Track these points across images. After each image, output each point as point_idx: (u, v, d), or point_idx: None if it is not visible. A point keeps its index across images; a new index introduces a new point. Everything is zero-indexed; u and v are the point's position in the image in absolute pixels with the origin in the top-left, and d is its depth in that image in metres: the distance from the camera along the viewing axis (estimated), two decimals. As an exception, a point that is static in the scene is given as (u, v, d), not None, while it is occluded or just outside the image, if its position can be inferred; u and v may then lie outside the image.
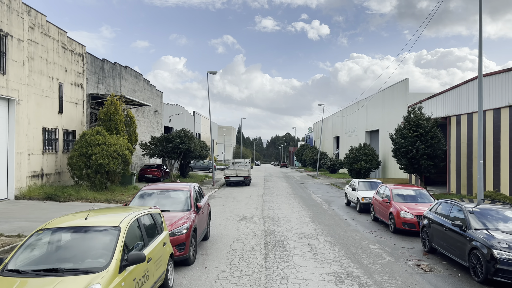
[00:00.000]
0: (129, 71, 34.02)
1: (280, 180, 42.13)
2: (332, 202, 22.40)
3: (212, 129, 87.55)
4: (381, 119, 38.89)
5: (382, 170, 38.35)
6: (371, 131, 43.74)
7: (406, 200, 14.22)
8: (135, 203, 10.06)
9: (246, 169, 34.31)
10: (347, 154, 38.53)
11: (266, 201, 22.31)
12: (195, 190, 11.04)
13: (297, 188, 32.30)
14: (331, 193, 27.89)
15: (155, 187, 10.77)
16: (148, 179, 32.06)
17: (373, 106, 41.91)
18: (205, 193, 12.70)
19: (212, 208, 19.14)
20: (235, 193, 27.11)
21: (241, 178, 33.47)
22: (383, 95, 38.44)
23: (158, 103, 42.74)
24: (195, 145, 32.78)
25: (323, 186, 34.46)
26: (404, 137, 22.13)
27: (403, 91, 33.16)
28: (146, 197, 10.27)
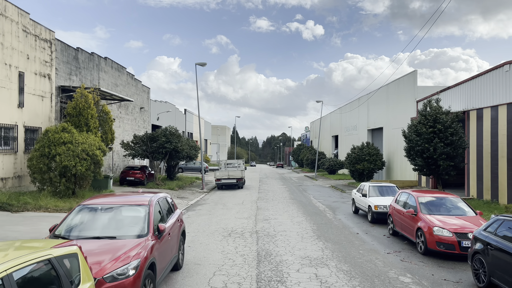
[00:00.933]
0: (110, 63, 30.85)
1: (276, 182, 39.11)
2: (337, 209, 19.38)
3: (205, 129, 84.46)
4: (385, 116, 35.99)
5: (387, 171, 35.43)
6: (374, 129, 40.82)
7: (437, 211, 11.20)
8: (67, 224, 6.93)
9: (239, 170, 31.26)
10: (349, 154, 35.58)
11: (261, 208, 19.27)
12: (159, 204, 7.90)
13: (295, 191, 29.29)
14: (334, 197, 24.89)
15: (101, 201, 7.59)
16: (130, 183, 28.92)
17: (375, 103, 39.01)
18: (177, 207, 9.61)
19: (197, 219, 16.06)
20: (226, 198, 24.04)
21: (233, 180, 30.42)
22: (387, 90, 35.53)
23: (144, 100, 39.58)
24: (183, 144, 29.69)
25: (323, 189, 31.47)
26: (419, 133, 19.16)
27: (411, 85, 30.25)
28: (86, 215, 7.12)
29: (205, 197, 25.22)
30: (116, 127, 32.03)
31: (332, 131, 61.69)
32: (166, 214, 8.17)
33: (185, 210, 18.70)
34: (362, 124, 43.74)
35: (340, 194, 27.15)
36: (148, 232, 6.77)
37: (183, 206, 20.11)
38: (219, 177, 30.41)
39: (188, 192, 27.66)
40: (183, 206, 19.90)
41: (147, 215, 7.08)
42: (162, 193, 9.02)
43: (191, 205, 20.91)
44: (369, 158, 33.61)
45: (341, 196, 26.09)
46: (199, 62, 29.52)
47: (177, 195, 25.14)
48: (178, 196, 24.86)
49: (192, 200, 22.89)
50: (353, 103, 48.15)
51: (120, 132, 32.90)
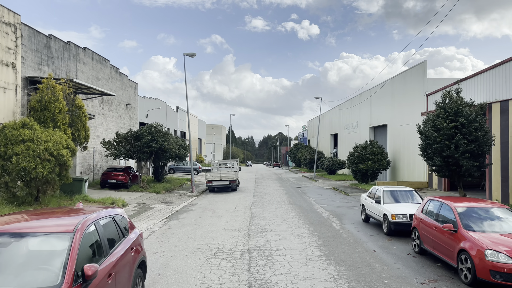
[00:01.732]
0: (90, 54, 28.11)
1: (273, 184, 36.50)
2: (344, 217, 16.78)
3: (199, 128, 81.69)
4: (390, 112, 33.45)
5: (392, 172, 32.90)
6: (377, 127, 38.28)
7: (486, 227, 8.60)
8: None
9: (232, 171, 28.59)
10: (351, 153, 33.01)
11: (256, 216, 16.63)
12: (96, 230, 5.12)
13: (293, 194, 26.67)
14: (337, 201, 22.30)
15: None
16: (112, 186, 26.21)
17: (379, 98, 36.47)
18: (134, 228, 6.92)
19: (178, 231, 13.40)
20: (217, 203, 21.39)
21: (226, 182, 27.75)
22: (392, 85, 32.99)
23: (131, 96, 36.83)
24: (170, 143, 26.98)
25: (324, 191, 28.88)
26: (438, 128, 16.57)
27: (419, 77, 27.71)
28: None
29: (193, 201, 22.54)
30: (98, 125, 29.32)
31: (331, 130, 59.17)
32: (110, 243, 5.46)
33: (166, 219, 16.03)
34: (364, 121, 41.21)
35: (343, 198, 24.55)
36: (62, 281, 4.09)
37: (165, 214, 17.43)
38: (210, 179, 27.75)
39: (175, 196, 24.97)
40: (165, 214, 17.22)
41: (66, 252, 4.37)
42: (113, 208, 6.35)
43: (176, 212, 18.23)
44: (373, 158, 31.06)
45: (345, 199, 23.50)
46: (188, 53, 26.88)
47: (163, 200, 22.46)
48: (163, 200, 22.18)
49: (178, 206, 20.22)
50: (354, 100, 45.61)
51: (103, 130, 30.17)
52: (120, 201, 19.34)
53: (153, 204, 20.62)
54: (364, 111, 41.15)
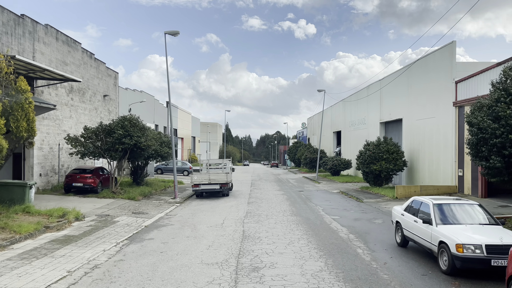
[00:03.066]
0: (53, 33, 23.61)
1: (271, 186, 32.09)
2: (368, 236, 12.40)
3: (193, 125, 77.15)
4: (406, 105, 29.09)
5: (408, 173, 28.54)
6: (389, 122, 33.93)
7: None
8: None
9: (223, 173, 24.14)
10: (362, 151, 28.64)
11: (249, 237, 12.24)
12: None
13: (296, 200, 22.28)
14: (352, 211, 17.92)
15: None
16: (79, 190, 21.76)
17: (392, 90, 32.12)
18: None
19: (133, 265, 8.97)
20: (201, 214, 16.97)
21: (216, 186, 23.33)
22: (408, 74, 28.62)
23: (109, 86, 32.34)
24: (149, 139, 22.49)
25: (332, 197, 24.50)
26: (498, 117, 12.19)
27: (446, 61, 23.33)
28: None
29: (173, 211, 18.10)
30: (65, 118, 24.84)
31: (334, 127, 54.82)
32: None
33: (126, 242, 11.58)
34: (373, 116, 36.85)
35: (357, 206, 20.16)
36: None
37: (129, 231, 12.98)
38: (197, 182, 23.30)
39: (153, 203, 20.53)
40: (128, 232, 12.76)
41: None
42: None
43: (144, 228, 13.79)
44: (388, 157, 26.71)
45: (361, 208, 19.11)
46: (169, 31, 22.42)
47: (134, 209, 18.03)
48: (134, 210, 17.74)
49: (150, 219, 15.79)
50: (360, 93, 41.24)
51: (72, 124, 25.67)
52: (74, 213, 14.90)
53: (119, 215, 16.17)
54: (373, 105, 36.80)
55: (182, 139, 65.17)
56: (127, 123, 21.53)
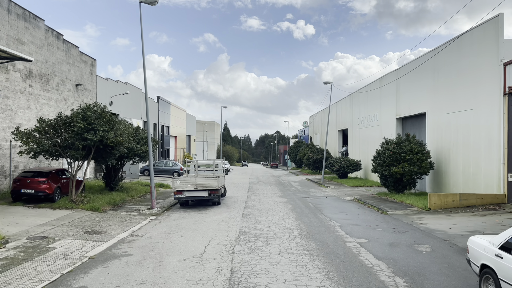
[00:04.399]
0: (5, 3, 19.14)
1: (271, 191, 27.58)
2: (426, 282, 7.93)
3: (188, 123, 72.58)
4: (432, 96, 24.62)
5: (434, 177, 24.05)
6: (407, 118, 29.43)
7: None
8: None
9: (213, 177, 19.56)
10: (379, 151, 24.17)
11: (240, 284, 7.77)
12: None
13: (304, 211, 17.79)
14: (381, 229, 13.44)
15: None
16: (30, 198, 17.31)
17: (412, 80, 27.64)
18: None
19: None
20: (177, 237, 12.47)
21: (203, 193, 18.84)
22: (435, 60, 24.13)
23: (84, 74, 27.83)
24: (120, 134, 17.96)
25: (346, 206, 20.04)
26: None
27: (491, 39, 18.81)
28: None
29: (142, 229, 13.61)
30: (20, 108, 20.37)
31: (339, 125, 50.36)
32: None
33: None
34: (387, 111, 32.38)
35: (383, 219, 15.68)
36: None
37: (52, 274, 8.42)
38: (180, 187, 18.78)
39: (121, 216, 16.03)
40: (47, 277, 8.21)
41: None
42: None
43: (85, 262, 9.28)
44: (412, 157, 22.25)
45: (388, 224, 14.62)
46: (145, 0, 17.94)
47: (90, 226, 13.55)
48: (89, 228, 13.26)
49: (105, 242, 11.29)
50: (371, 86, 36.77)
51: (31, 116, 21.20)
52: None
53: (62, 238, 11.67)
54: (388, 98, 32.33)
55: (175, 137, 60.66)
56: (90, 113, 16.99)
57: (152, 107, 47.11)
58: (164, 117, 52.60)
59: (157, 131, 49.08)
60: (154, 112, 48.02)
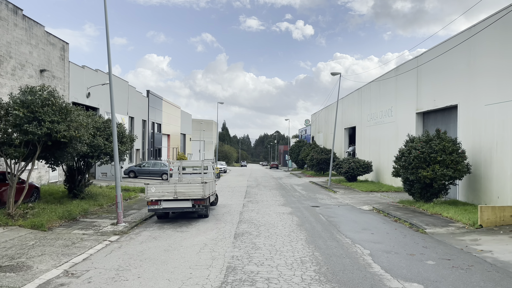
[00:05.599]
0: None
1: (272, 197, 23.42)
2: None
3: (183, 121, 68.37)
4: (465, 85, 20.49)
5: (470, 183, 19.88)
6: (431, 112, 25.28)
7: None
8: None
9: (198, 184, 15.19)
10: (403, 151, 20.04)
11: None
12: None
13: (315, 228, 13.63)
14: (431, 261, 9.28)
15: None
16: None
17: (437, 67, 23.52)
18: None
19: None
20: (130, 280, 8.24)
21: (185, 203, 14.67)
22: (471, 43, 20.00)
23: (52, 59, 23.67)
24: (75, 128, 13.78)
25: (368, 219, 15.87)
26: None
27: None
28: None
29: (86, 262, 9.42)
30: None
31: (346, 122, 46.23)
32: None
33: None
34: (405, 105, 28.24)
35: (424, 242, 11.51)
36: None
37: None
38: (156, 196, 14.58)
39: (69, 236, 11.83)
40: None
41: None
42: None
43: None
44: (445, 158, 18.12)
45: (435, 250, 10.46)
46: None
47: (15, 254, 9.40)
48: (12, 257, 9.15)
49: (10, 294, 7.12)
50: (385, 77, 32.64)
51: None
52: None
53: None
54: (406, 90, 28.19)
55: (168, 136, 56.48)
56: (33, 98, 12.76)
57: (140, 102, 42.93)
58: (155, 113, 48.42)
59: (146, 129, 44.90)
60: (143, 108, 43.86)
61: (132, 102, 39.46)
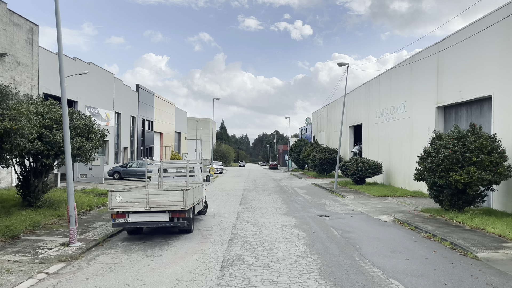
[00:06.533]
0: None
1: (272, 203, 20.10)
2: None
3: (177, 119, 64.99)
4: (502, 72, 17.23)
5: (509, 188, 16.60)
6: (455, 105, 22.01)
7: None
8: None
9: (176, 192, 11.78)
10: (428, 149, 16.76)
11: None
12: None
13: (330, 250, 10.35)
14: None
15: None
16: None
17: (464, 52, 20.29)
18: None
19: None
20: None
21: (161, 217, 11.39)
22: (510, 21, 16.76)
23: (16, 42, 20.34)
24: (12, 117, 10.48)
25: (392, 235, 12.58)
26: None
27: None
28: None
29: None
30: None
31: (351, 120, 42.97)
32: None
33: None
34: (422, 99, 24.98)
35: (485, 278, 8.26)
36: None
37: None
38: (123, 207, 11.26)
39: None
40: None
41: None
42: None
43: None
44: (483, 159, 14.86)
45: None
46: None
47: None
48: None
49: None
50: (398, 69, 29.37)
51: None
52: None
53: None
54: (423, 81, 24.95)
55: (161, 134, 53.16)
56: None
57: (128, 97, 39.59)
58: (145, 109, 45.09)
59: (135, 126, 41.56)
60: (132, 103, 40.52)
61: (119, 97, 36.13)
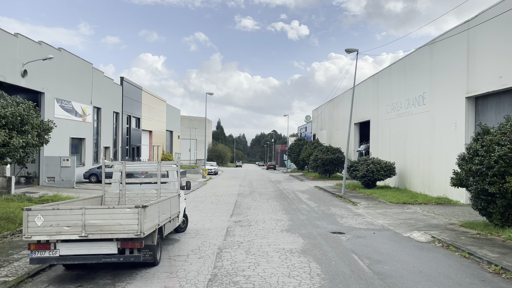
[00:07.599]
0: None
1: (271, 213, 16.27)
2: None
3: (169, 117, 61.03)
4: None
5: None
6: (490, 95, 18.25)
7: None
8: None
9: (128, 210, 7.93)
10: (475, 148, 12.93)
11: None
12: None
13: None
14: None
15: None
16: None
17: (503, 30, 16.55)
18: None
19: None
20: None
21: (104, 248, 7.54)
22: None
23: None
24: None
25: (439, 266, 8.80)
26: None
27: None
28: None
29: None
30: None
31: (357, 116, 39.14)
32: None
33: None
34: (447, 88, 21.22)
35: None
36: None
37: None
38: (46, 233, 7.41)
39: None
40: None
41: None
42: None
43: None
44: (552, 160, 11.04)
45: None
46: None
47: None
48: None
49: None
50: (414, 55, 25.62)
51: None
52: None
53: None
54: (447, 68, 21.21)
55: (150, 132, 49.25)
56: None
57: (110, 90, 35.67)
58: (131, 105, 41.17)
59: (119, 123, 37.66)
60: (115, 98, 36.61)
61: (98, 90, 32.23)
